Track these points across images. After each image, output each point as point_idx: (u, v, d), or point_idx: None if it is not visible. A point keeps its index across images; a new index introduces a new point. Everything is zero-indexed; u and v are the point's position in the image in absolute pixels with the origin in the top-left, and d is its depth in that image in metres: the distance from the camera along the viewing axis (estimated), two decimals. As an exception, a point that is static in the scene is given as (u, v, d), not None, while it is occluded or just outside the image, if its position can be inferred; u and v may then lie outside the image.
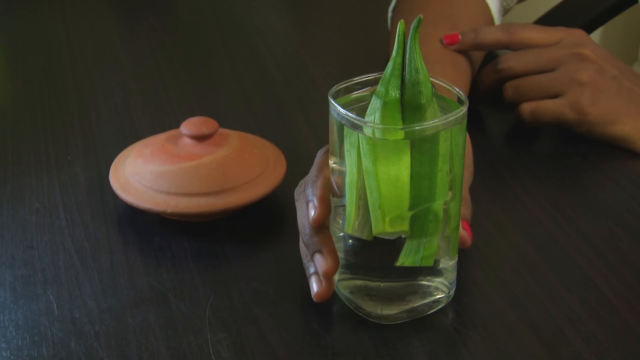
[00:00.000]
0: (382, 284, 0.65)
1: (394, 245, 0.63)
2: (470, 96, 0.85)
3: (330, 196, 0.65)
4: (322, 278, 0.65)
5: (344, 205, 0.63)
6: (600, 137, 0.85)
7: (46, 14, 1.19)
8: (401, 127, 0.60)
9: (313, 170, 0.67)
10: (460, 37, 0.88)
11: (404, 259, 0.63)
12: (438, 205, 0.62)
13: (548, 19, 1.16)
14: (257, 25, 1.16)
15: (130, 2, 1.22)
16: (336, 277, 0.66)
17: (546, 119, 0.85)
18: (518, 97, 0.87)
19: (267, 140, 0.82)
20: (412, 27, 0.60)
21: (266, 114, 0.95)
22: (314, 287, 0.65)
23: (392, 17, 1.00)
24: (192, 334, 0.65)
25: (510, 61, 0.87)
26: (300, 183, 0.69)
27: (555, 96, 0.85)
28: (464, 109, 0.61)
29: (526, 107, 0.86)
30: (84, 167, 0.85)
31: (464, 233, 0.67)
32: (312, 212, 0.64)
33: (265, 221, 0.77)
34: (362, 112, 0.62)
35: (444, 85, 0.64)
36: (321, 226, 0.65)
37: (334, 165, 0.64)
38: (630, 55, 1.28)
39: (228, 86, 1.00)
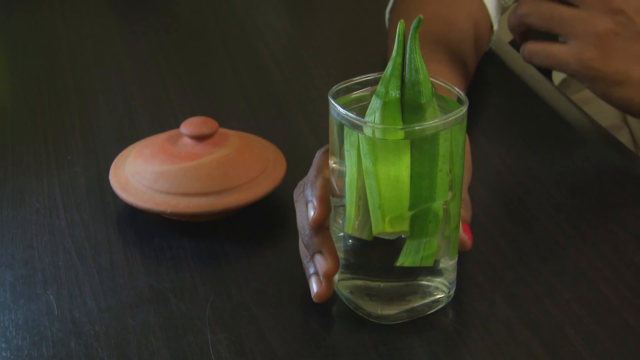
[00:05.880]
0: (382, 284, 0.65)
1: (394, 245, 0.63)
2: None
3: (330, 196, 0.65)
4: (322, 279, 0.65)
5: (344, 205, 0.63)
6: (602, 96, 0.81)
7: (46, 14, 1.19)
8: (401, 127, 0.60)
9: (312, 171, 0.67)
10: None
11: (404, 259, 0.63)
12: (438, 205, 0.62)
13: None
14: (257, 25, 1.16)
15: (130, 2, 1.22)
16: (336, 277, 0.66)
17: (548, 63, 0.80)
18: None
19: (267, 140, 0.82)
20: (412, 27, 0.60)
21: (266, 114, 0.95)
22: (314, 287, 0.65)
23: (390, 19, 1.00)
24: (192, 334, 0.65)
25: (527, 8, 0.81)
26: (299, 184, 0.69)
27: (565, 37, 0.79)
28: (464, 109, 0.61)
29: (531, 47, 0.81)
30: (84, 167, 0.85)
31: (464, 236, 0.67)
32: (311, 213, 0.64)
33: (265, 221, 0.77)
34: (362, 112, 0.62)
35: (444, 85, 0.64)
36: (321, 227, 0.65)
37: (334, 165, 0.64)
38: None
39: (228, 86, 1.00)
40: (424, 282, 0.66)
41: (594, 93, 0.81)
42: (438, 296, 0.66)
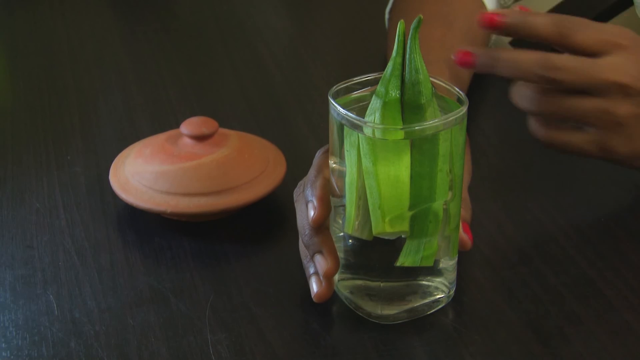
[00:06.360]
0: (382, 284, 0.65)
1: (394, 245, 0.63)
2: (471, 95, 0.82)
3: (330, 196, 0.65)
4: (322, 278, 0.65)
5: (344, 205, 0.63)
6: (627, 167, 0.76)
7: (46, 14, 1.19)
8: (401, 127, 0.60)
9: (312, 171, 0.67)
10: (504, 18, 0.72)
11: (404, 259, 0.63)
12: (438, 205, 0.62)
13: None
14: (257, 25, 1.16)
15: (130, 2, 1.22)
16: (336, 277, 0.66)
17: (568, 151, 0.75)
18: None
19: (267, 140, 0.82)
20: (412, 27, 0.60)
21: (266, 114, 0.95)
22: (314, 287, 0.65)
23: (389, 19, 1.00)
24: (192, 334, 0.65)
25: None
26: (299, 184, 0.69)
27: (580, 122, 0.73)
28: (464, 109, 0.61)
29: (548, 136, 0.74)
30: (84, 167, 0.85)
31: (465, 236, 0.67)
32: (311, 213, 0.64)
33: (265, 221, 0.77)
34: (362, 112, 0.62)
35: (444, 85, 0.64)
36: (321, 227, 0.64)
37: (334, 165, 0.64)
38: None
39: (228, 86, 1.00)
40: (424, 282, 0.66)
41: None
42: (438, 296, 0.66)
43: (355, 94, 0.64)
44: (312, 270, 0.66)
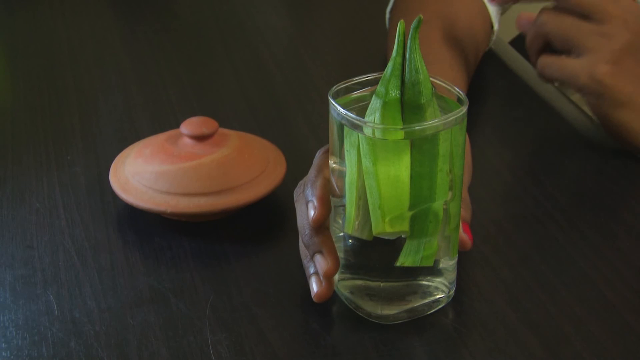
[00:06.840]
0: (382, 284, 0.65)
1: (394, 245, 0.63)
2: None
3: (330, 196, 0.65)
4: (322, 278, 0.65)
5: (344, 205, 0.63)
6: (603, 118, 0.83)
7: (46, 14, 1.19)
8: (401, 127, 0.60)
9: (312, 171, 0.67)
10: None
11: (404, 259, 0.63)
12: (438, 205, 0.62)
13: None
14: (257, 25, 1.16)
15: (130, 2, 1.22)
16: (336, 277, 0.66)
17: (559, 75, 0.83)
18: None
19: (267, 140, 0.82)
20: (412, 27, 0.60)
21: (266, 114, 0.95)
22: (314, 287, 0.65)
23: (390, 18, 1.00)
24: (192, 334, 0.65)
25: (549, 21, 0.83)
26: (299, 184, 0.69)
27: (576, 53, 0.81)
28: (464, 109, 0.61)
29: (544, 59, 0.83)
30: (84, 167, 0.85)
31: (465, 236, 0.67)
32: (311, 213, 0.64)
33: (265, 221, 0.77)
34: (362, 112, 0.62)
35: (444, 85, 0.64)
36: (321, 226, 0.65)
37: (334, 165, 0.64)
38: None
39: (228, 86, 1.00)
40: (424, 282, 0.66)
41: (595, 114, 0.83)
42: (438, 296, 0.66)
43: (355, 94, 0.64)
44: (312, 270, 0.66)
